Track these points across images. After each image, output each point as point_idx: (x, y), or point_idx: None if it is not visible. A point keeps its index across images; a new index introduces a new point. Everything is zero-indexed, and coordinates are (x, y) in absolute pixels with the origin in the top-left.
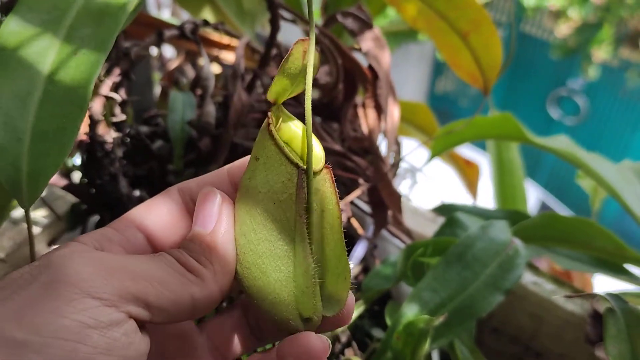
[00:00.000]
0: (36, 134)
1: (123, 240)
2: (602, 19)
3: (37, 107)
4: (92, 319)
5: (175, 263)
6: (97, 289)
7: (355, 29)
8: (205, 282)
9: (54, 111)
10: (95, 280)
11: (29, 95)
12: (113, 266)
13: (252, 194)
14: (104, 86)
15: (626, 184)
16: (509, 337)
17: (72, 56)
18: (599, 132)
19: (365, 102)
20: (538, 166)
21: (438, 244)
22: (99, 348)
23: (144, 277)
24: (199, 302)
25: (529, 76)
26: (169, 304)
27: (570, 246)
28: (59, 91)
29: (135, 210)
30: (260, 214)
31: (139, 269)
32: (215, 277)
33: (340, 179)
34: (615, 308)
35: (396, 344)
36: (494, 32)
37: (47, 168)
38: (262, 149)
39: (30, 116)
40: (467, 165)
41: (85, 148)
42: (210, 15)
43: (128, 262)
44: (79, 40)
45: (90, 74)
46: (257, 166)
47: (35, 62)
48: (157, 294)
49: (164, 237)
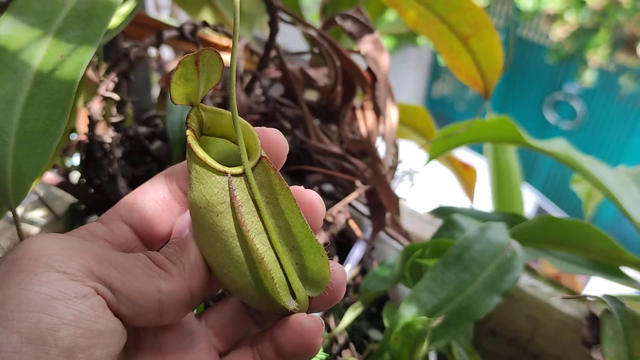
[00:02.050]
0: (21, 136)
1: (108, 234)
2: (599, 23)
3: (22, 109)
4: (56, 291)
5: (146, 258)
6: (61, 263)
7: (354, 31)
8: (172, 277)
9: (39, 113)
10: (59, 256)
11: (14, 98)
12: (79, 247)
13: (195, 210)
14: (103, 87)
15: (623, 187)
16: (507, 339)
17: (58, 59)
18: (595, 136)
19: (364, 105)
20: (534, 170)
21: (436, 245)
22: (64, 319)
23: (109, 261)
24: (165, 297)
25: (526, 80)
26: (134, 293)
27: (567, 249)
28: (44, 94)
29: (122, 201)
30: (208, 228)
31: (106, 254)
32: (183, 274)
33: (338, 180)
34: (612, 310)
35: (394, 345)
36: (494, 36)
37: (31, 170)
38: (190, 163)
39: (15, 118)
40: (465, 168)
41: (84, 148)
42: (209, 16)
43: (96, 248)
44: (66, 42)
45: (73, 76)
46: (192, 181)
47: (22, 65)
48: (123, 280)
49: (150, 228)
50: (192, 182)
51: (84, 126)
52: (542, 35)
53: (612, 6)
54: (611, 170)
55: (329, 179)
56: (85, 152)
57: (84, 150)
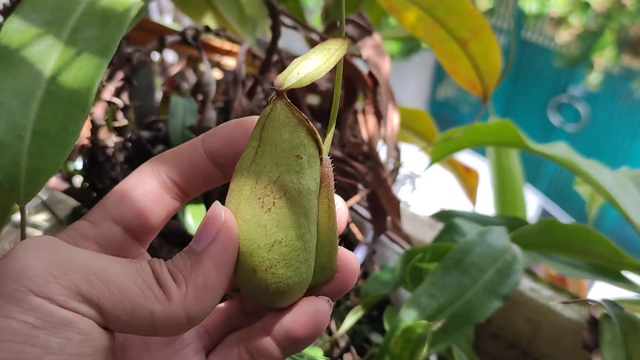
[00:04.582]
0: (37, 132)
1: (99, 235)
2: (603, 25)
3: (39, 106)
4: (39, 320)
5: (148, 272)
6: (44, 286)
7: (356, 35)
8: (170, 302)
9: (57, 111)
10: (42, 277)
11: (31, 94)
12: (68, 262)
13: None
14: (106, 91)
15: (624, 191)
16: (507, 342)
17: (75, 57)
18: (600, 139)
19: (365, 109)
20: (538, 173)
21: (436, 249)
22: (49, 348)
23: (102, 279)
24: (158, 322)
25: (530, 83)
26: (125, 314)
27: (568, 253)
28: (62, 91)
29: (111, 198)
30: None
31: (100, 269)
32: (184, 300)
33: (340, 184)
34: (611, 314)
35: (394, 349)
36: (493, 40)
37: (47, 166)
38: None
39: (32, 114)
40: (467, 171)
41: (87, 152)
42: (212, 21)
43: (89, 260)
44: (82, 42)
45: (93, 76)
46: (301, 165)
47: (38, 62)
48: (114, 301)
49: (141, 225)
50: (302, 166)
51: (87, 130)
52: (546, 38)
53: (617, 8)
54: (613, 173)
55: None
56: (88, 156)
57: (86, 155)
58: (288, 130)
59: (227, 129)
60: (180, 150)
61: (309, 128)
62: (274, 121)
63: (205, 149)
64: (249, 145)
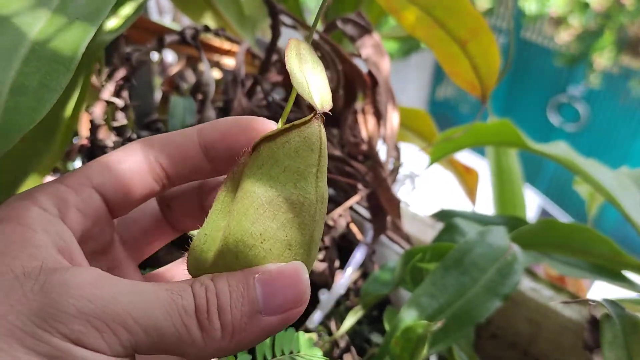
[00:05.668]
0: (16, 88)
1: (79, 203)
2: (603, 25)
3: (21, 63)
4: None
5: (191, 314)
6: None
7: (355, 35)
8: (206, 345)
9: (39, 68)
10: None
11: (15, 50)
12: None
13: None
14: (106, 91)
15: (624, 190)
16: (508, 342)
17: (64, 21)
18: (599, 138)
19: (365, 109)
20: (538, 172)
21: (436, 249)
22: None
23: (142, 324)
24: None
25: (530, 82)
26: (159, 352)
27: (568, 252)
28: (46, 51)
29: (94, 166)
30: None
31: (140, 310)
32: (219, 344)
33: (339, 184)
34: (612, 314)
35: (394, 349)
36: (492, 41)
37: (22, 121)
38: None
39: (13, 71)
40: (467, 171)
41: (86, 152)
42: (211, 21)
43: (130, 299)
44: (72, 9)
45: (80, 38)
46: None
47: (25, 24)
48: (152, 345)
49: (121, 199)
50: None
51: (86, 130)
52: (545, 38)
53: (616, 8)
54: (613, 172)
55: (330, 182)
56: (87, 156)
57: (86, 155)
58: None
59: (226, 123)
60: (173, 136)
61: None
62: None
63: (200, 139)
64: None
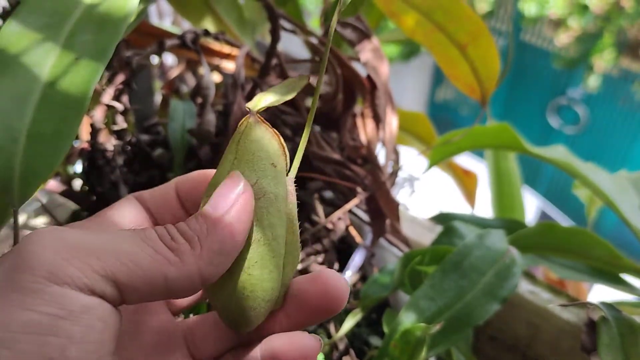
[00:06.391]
0: (32, 136)
1: None
2: (602, 28)
3: (35, 109)
4: (61, 309)
5: (155, 239)
6: (59, 274)
7: (354, 39)
8: (184, 264)
9: (52, 114)
10: (55, 265)
11: (27, 97)
12: (76, 245)
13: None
14: (106, 95)
15: (622, 194)
16: (506, 345)
17: (72, 61)
18: (599, 141)
19: (364, 112)
20: (538, 175)
21: (435, 252)
22: (73, 338)
23: (113, 253)
24: (172, 284)
25: (529, 85)
26: (141, 283)
27: (566, 255)
28: (58, 95)
29: (94, 220)
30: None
31: (107, 245)
32: (198, 262)
33: (338, 187)
34: (608, 317)
35: (393, 352)
36: (491, 44)
37: (41, 169)
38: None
39: (27, 118)
40: (466, 174)
41: (86, 156)
42: (211, 25)
43: (95, 239)
44: (79, 46)
45: (89, 80)
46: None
47: (34, 65)
48: (128, 272)
49: None
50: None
51: (87, 134)
52: (545, 40)
53: (615, 11)
54: (611, 176)
55: (329, 185)
56: (88, 159)
57: (86, 158)
58: (264, 141)
59: (196, 176)
60: (159, 188)
61: (280, 143)
62: (250, 134)
63: (177, 190)
64: (225, 158)
